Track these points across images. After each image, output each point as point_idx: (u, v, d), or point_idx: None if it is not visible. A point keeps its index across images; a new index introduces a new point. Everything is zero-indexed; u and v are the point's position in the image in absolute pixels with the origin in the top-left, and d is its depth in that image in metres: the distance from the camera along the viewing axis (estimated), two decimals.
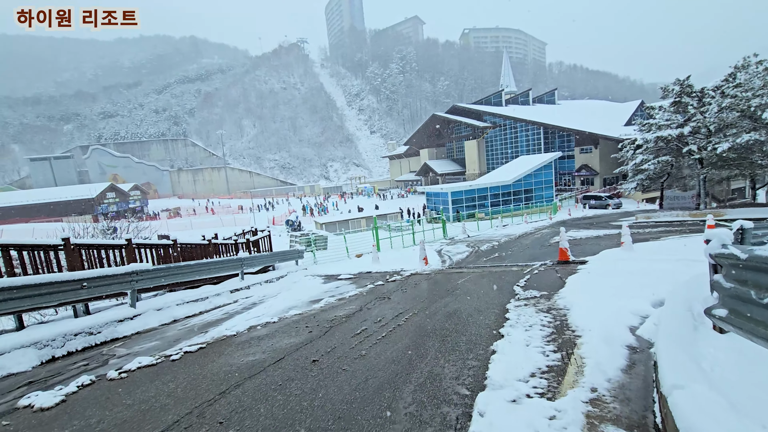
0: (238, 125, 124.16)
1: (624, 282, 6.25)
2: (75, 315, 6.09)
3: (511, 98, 68.79)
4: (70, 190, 68.85)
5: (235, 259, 9.39)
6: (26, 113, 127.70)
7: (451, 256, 13.02)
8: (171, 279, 7.44)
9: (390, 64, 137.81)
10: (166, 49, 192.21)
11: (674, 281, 6.05)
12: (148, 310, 6.51)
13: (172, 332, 5.93)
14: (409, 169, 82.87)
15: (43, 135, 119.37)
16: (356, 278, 10.37)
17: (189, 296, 7.65)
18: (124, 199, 72.63)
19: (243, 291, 9.23)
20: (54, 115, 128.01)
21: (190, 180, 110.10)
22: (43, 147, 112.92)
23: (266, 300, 8.23)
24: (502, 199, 36.04)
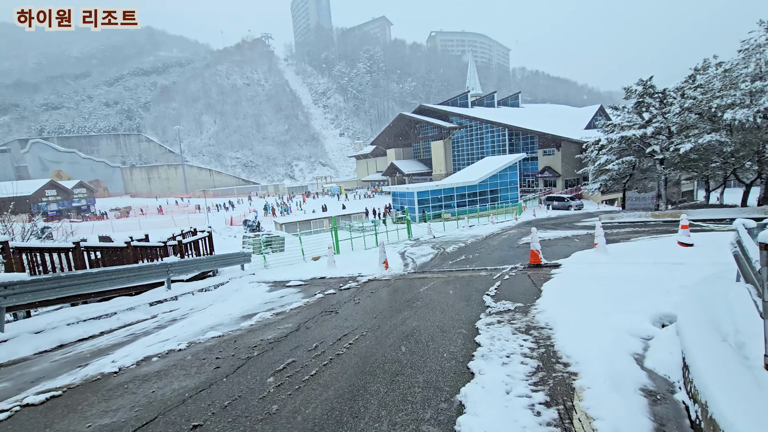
0: (197, 121, 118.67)
1: (607, 290, 5.39)
2: None
3: (477, 100, 69.32)
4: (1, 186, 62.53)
5: (158, 265, 7.86)
6: None
7: (414, 259, 11.99)
8: (65, 292, 5.89)
9: (357, 63, 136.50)
10: (120, 40, 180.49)
11: (664, 289, 5.28)
12: (21, 334, 4.98)
13: (41, 365, 4.47)
14: (376, 169, 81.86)
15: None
16: (306, 285, 9.10)
17: (89, 312, 6.12)
18: (67, 197, 67.00)
19: (167, 303, 7.72)
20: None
21: (144, 178, 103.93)
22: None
23: (191, 315, 6.82)
24: (469, 200, 35.67)
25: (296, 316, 5.86)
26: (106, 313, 6.35)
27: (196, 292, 8.76)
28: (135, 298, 7.42)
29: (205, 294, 8.82)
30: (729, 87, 15.31)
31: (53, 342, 5.18)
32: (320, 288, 8.40)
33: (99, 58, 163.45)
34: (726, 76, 15.75)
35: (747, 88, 14.64)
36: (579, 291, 5.53)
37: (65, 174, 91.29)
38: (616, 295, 5.05)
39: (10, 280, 4.95)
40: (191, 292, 8.61)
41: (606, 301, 4.85)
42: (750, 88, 14.57)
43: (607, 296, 5.08)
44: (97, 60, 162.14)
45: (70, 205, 66.87)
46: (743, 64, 15.32)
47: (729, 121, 14.93)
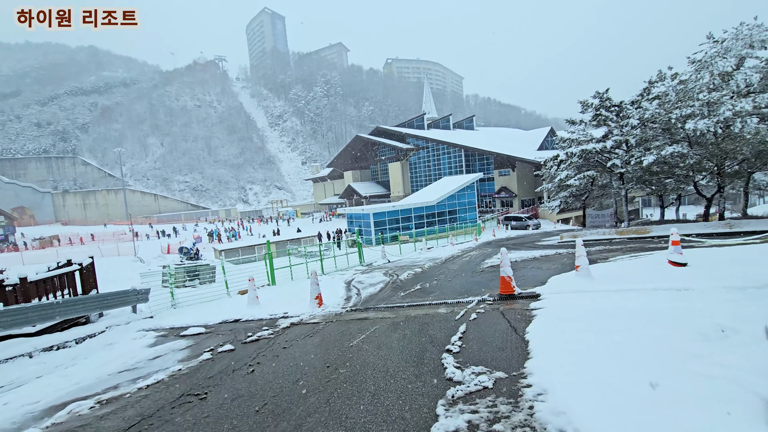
0: (142, 143, 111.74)
1: (627, 340, 3.56)
2: None
3: (433, 123, 69.69)
4: None
5: None
6: None
7: (361, 290, 9.85)
8: None
9: (314, 87, 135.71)
10: (59, 58, 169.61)
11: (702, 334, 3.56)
12: None
13: None
14: (333, 191, 79.61)
15: None
16: (207, 334, 6.69)
17: None
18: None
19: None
20: None
21: (78, 204, 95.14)
22: None
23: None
24: (427, 221, 34.23)
25: (136, 405, 3.54)
26: None
27: (39, 353, 6.09)
28: None
29: (53, 354, 6.16)
30: (687, 98, 14.96)
31: None
32: (221, 339, 6.05)
33: (33, 77, 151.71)
34: (681, 88, 15.47)
35: (705, 98, 14.28)
36: (586, 342, 3.65)
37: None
38: (646, 351, 3.22)
39: None
40: (29, 353, 5.95)
41: (638, 364, 3.00)
42: (708, 98, 14.21)
43: (634, 354, 3.24)
44: (31, 78, 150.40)
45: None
46: (697, 77, 15.07)
47: (690, 132, 14.46)
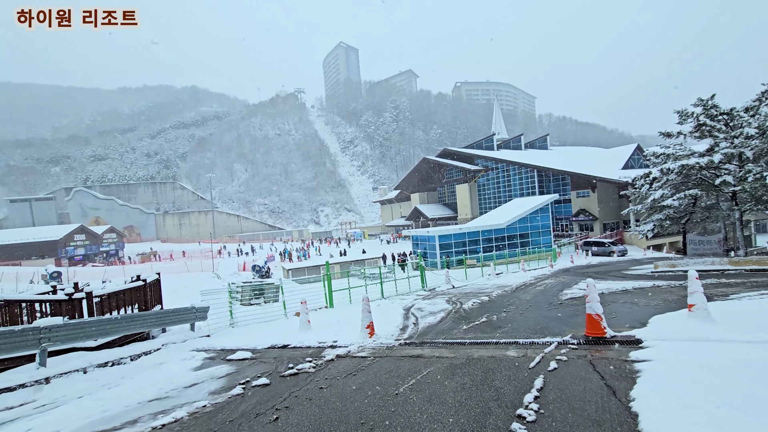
0: (229, 170, 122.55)
1: None
2: None
3: (503, 143, 67.19)
4: (33, 231, 64.51)
5: (20, 331, 5.35)
6: (14, 156, 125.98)
7: (419, 319, 8.97)
8: None
9: (384, 113, 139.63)
10: (167, 98, 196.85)
11: None
12: None
13: None
14: (400, 214, 79.69)
15: (28, 177, 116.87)
16: (251, 361, 6.29)
17: None
18: (96, 242, 68.07)
19: (21, 392, 5.08)
20: (43, 158, 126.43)
21: (175, 223, 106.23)
22: (26, 188, 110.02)
23: (5, 428, 4.13)
24: (496, 244, 32.19)
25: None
26: None
27: (94, 368, 6.12)
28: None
29: (106, 371, 6.15)
30: None
31: None
32: (261, 369, 5.58)
33: (147, 114, 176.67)
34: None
35: None
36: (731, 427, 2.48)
37: (102, 220, 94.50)
38: None
39: None
40: (83, 368, 5.98)
41: None
42: None
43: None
44: (145, 116, 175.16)
45: (98, 249, 67.77)
46: None
47: None
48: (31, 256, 56.40)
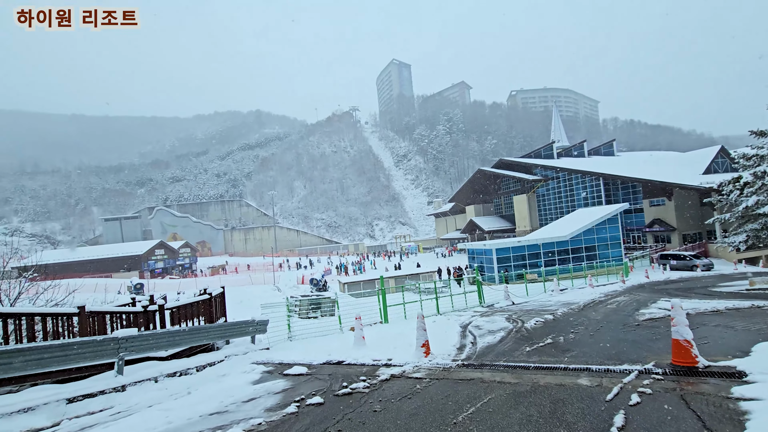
0: (289, 187, 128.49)
1: None
2: None
3: (564, 151, 63.80)
4: (122, 247, 71.79)
5: (100, 341, 5.79)
6: (108, 180, 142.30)
7: (477, 338, 8.52)
8: None
9: (437, 126, 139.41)
10: (235, 122, 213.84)
11: None
12: None
13: None
14: (455, 226, 78.26)
15: (119, 198, 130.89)
16: (307, 377, 6.30)
17: None
18: (173, 256, 74.22)
19: (100, 398, 5.47)
20: (131, 181, 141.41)
21: (241, 238, 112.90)
22: (117, 209, 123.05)
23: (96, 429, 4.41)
24: (559, 258, 30.21)
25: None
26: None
27: (164, 378, 6.47)
28: (49, 391, 5.30)
29: (175, 381, 6.48)
30: None
31: None
32: (316, 386, 5.54)
33: (217, 138, 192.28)
34: None
35: None
36: None
37: (179, 236, 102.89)
38: None
39: None
40: (155, 378, 6.34)
41: None
42: None
43: None
44: (216, 140, 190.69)
45: (175, 263, 73.75)
46: None
47: None
48: (120, 269, 62.71)
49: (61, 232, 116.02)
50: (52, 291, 12.09)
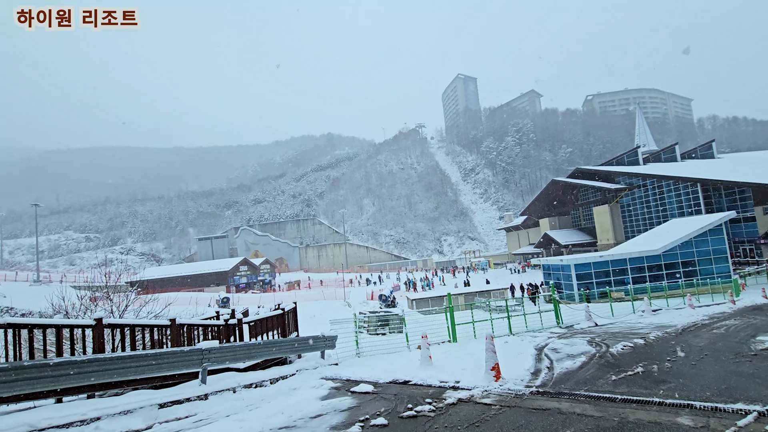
0: (359, 205, 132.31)
1: None
2: None
3: (652, 156, 57.87)
4: (212, 263, 78.74)
5: (186, 352, 6.33)
6: (201, 204, 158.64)
7: (554, 362, 7.87)
8: (36, 385, 4.66)
9: (506, 137, 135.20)
10: (308, 146, 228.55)
11: None
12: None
13: None
14: (528, 241, 74.34)
15: (211, 220, 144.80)
16: (373, 396, 6.28)
17: (54, 418, 4.69)
18: (254, 272, 79.73)
19: (186, 405, 5.95)
20: (220, 204, 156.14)
21: (315, 255, 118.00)
22: (209, 229, 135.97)
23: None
24: (649, 274, 27.03)
25: None
26: (83, 419, 4.85)
27: (241, 389, 6.87)
28: (144, 396, 5.89)
29: (250, 392, 6.85)
30: None
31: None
32: (381, 406, 5.50)
33: (293, 162, 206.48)
34: None
35: None
36: None
37: (260, 253, 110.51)
38: None
39: None
40: (233, 388, 6.77)
41: None
42: None
43: None
44: (292, 163, 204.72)
45: (256, 278, 79.11)
46: None
47: None
48: (210, 283, 68.85)
49: (164, 250, 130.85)
50: (153, 304, 13.56)
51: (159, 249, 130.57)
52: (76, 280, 52.92)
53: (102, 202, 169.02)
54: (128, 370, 5.58)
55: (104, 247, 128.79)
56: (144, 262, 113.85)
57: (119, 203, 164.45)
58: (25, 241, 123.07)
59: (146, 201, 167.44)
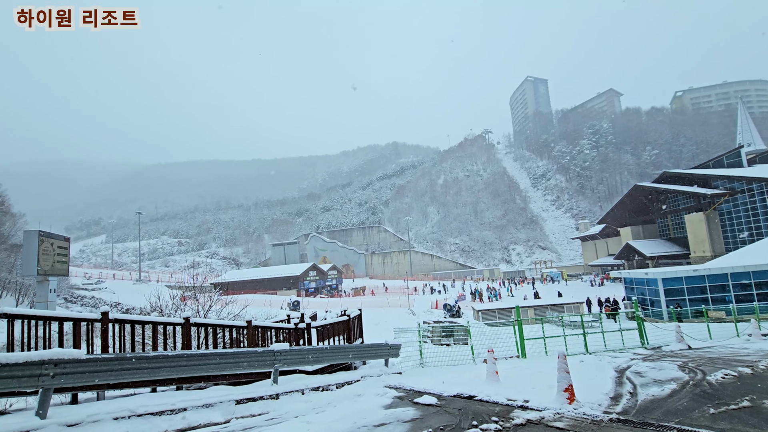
0: (423, 212, 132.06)
1: None
2: None
3: (758, 156, 50.58)
4: (284, 268, 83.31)
5: (260, 353, 6.74)
6: (275, 211, 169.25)
7: (638, 387, 7.14)
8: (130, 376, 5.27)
9: (580, 140, 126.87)
10: (374, 155, 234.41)
11: None
12: (50, 426, 4.33)
13: None
14: (606, 251, 68.54)
15: (283, 227, 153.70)
16: (436, 408, 6.19)
17: (149, 406, 5.26)
18: (323, 277, 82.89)
19: (260, 403, 6.33)
20: (292, 212, 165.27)
21: (380, 262, 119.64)
22: (282, 236, 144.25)
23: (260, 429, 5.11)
24: (757, 292, 23.44)
25: None
26: (172, 409, 5.37)
27: (309, 391, 7.16)
28: (223, 391, 6.37)
29: (317, 395, 7.12)
30: None
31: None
32: (444, 421, 5.40)
33: (360, 171, 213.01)
34: None
35: None
36: None
37: (328, 259, 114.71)
38: None
39: (60, 357, 4.52)
40: (301, 390, 7.07)
41: None
42: None
43: None
44: (358, 172, 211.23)
45: (324, 283, 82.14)
46: None
47: None
48: (282, 287, 72.93)
49: (243, 254, 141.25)
50: (232, 305, 14.69)
51: (238, 253, 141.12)
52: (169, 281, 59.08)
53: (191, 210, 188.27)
54: (210, 366, 6.12)
55: (193, 251, 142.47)
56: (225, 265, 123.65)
57: (206, 211, 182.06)
58: (130, 244, 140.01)
59: (228, 209, 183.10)
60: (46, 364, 4.46)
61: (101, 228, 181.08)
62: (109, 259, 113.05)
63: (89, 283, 43.06)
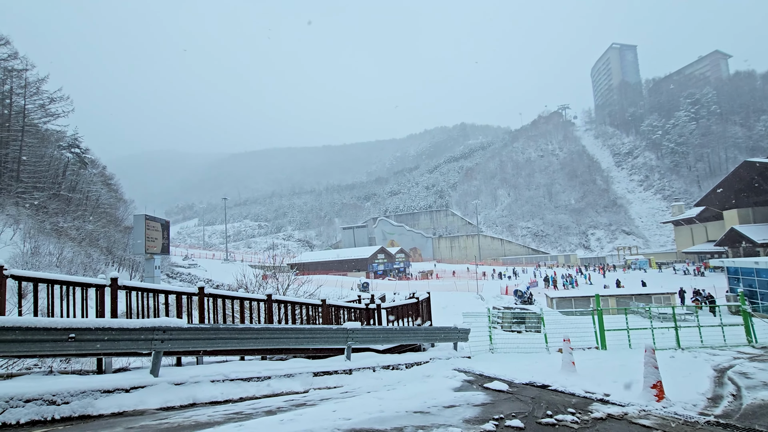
0: (493, 195, 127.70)
1: None
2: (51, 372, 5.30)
3: None
4: (354, 251, 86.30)
5: (335, 330, 7.10)
6: (345, 196, 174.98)
7: (743, 389, 6.35)
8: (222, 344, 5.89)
9: (675, 112, 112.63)
10: (441, 137, 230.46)
11: None
12: (160, 383, 5.02)
13: (145, 422, 4.15)
14: (705, 237, 60.82)
15: (353, 211, 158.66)
16: (508, 395, 6.09)
17: (240, 372, 5.84)
18: (390, 260, 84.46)
19: (335, 377, 6.72)
20: (360, 196, 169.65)
21: (447, 246, 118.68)
22: (352, 219, 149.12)
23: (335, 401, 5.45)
24: None
25: None
26: (258, 377, 5.91)
27: (380, 369, 7.44)
28: (302, 363, 6.85)
29: (388, 373, 7.38)
30: None
31: (186, 398, 4.99)
32: (516, 407, 5.29)
33: (427, 154, 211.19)
34: None
35: None
36: None
37: (396, 242, 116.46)
38: None
39: (168, 325, 5.19)
40: (372, 367, 7.37)
41: None
42: None
43: None
44: (425, 155, 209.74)
45: (392, 266, 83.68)
46: None
47: None
48: (352, 269, 75.78)
49: (315, 237, 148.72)
50: (307, 284, 15.62)
51: (311, 236, 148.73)
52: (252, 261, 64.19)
53: (269, 195, 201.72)
54: (290, 340, 6.62)
55: (271, 234, 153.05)
56: (300, 247, 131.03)
57: (282, 196, 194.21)
58: (218, 227, 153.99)
59: (302, 194, 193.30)
60: (157, 330, 5.15)
61: (194, 212, 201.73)
62: (201, 240, 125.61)
63: (186, 261, 48.41)
